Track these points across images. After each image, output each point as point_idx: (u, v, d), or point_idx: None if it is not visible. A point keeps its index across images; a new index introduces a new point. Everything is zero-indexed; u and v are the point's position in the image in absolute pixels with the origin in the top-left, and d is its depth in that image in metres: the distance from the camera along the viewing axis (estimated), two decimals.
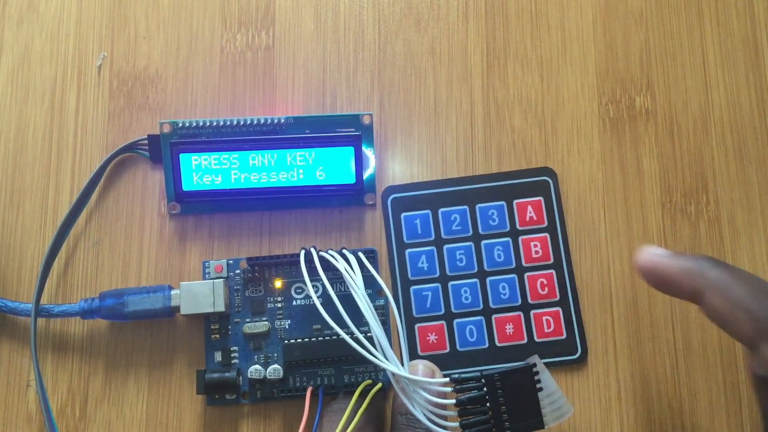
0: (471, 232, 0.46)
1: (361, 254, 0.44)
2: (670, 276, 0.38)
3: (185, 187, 0.45)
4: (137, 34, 0.49)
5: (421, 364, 0.42)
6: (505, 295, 0.45)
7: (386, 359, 0.39)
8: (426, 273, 0.46)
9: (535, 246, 0.46)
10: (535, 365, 0.37)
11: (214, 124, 0.46)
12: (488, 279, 0.46)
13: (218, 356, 0.44)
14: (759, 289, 0.35)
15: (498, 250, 0.46)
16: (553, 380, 0.38)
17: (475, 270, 0.46)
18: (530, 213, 0.46)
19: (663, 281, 0.38)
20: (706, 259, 0.37)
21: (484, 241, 0.46)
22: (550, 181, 0.46)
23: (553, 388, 0.37)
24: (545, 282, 0.45)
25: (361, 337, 0.39)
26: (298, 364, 0.43)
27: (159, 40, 0.49)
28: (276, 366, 0.43)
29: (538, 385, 0.37)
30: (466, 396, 0.37)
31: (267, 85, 0.48)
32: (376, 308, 0.44)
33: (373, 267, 0.44)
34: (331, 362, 0.43)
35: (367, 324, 0.40)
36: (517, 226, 0.46)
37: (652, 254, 0.38)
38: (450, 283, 0.45)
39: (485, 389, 0.36)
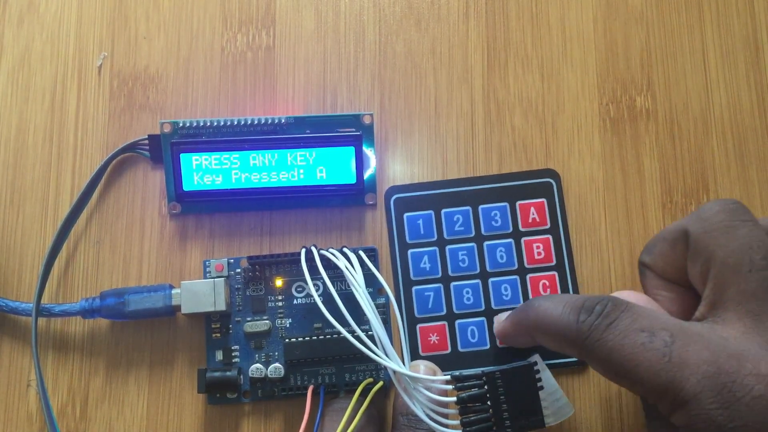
0: (473, 233, 0.46)
1: (361, 252, 0.44)
2: (510, 334, 0.40)
3: (186, 187, 0.45)
4: (138, 34, 0.49)
5: (423, 365, 0.42)
6: (507, 296, 0.45)
7: (387, 357, 0.39)
8: (428, 273, 0.46)
9: (538, 247, 0.46)
10: (536, 364, 0.37)
11: (215, 124, 0.46)
12: (490, 280, 0.45)
13: (219, 355, 0.44)
14: (567, 305, 0.35)
15: (500, 251, 0.46)
16: (554, 379, 0.38)
17: (478, 271, 0.46)
18: (533, 214, 0.46)
19: (510, 341, 0.41)
20: (530, 301, 0.38)
21: (486, 242, 0.46)
22: (554, 183, 0.46)
23: (554, 387, 0.37)
24: (547, 284, 0.45)
25: (362, 335, 0.39)
26: (299, 363, 0.43)
27: (159, 40, 0.49)
28: (277, 365, 0.43)
29: (539, 384, 0.37)
30: (467, 394, 0.36)
31: (267, 85, 0.48)
32: (377, 307, 0.44)
33: (374, 265, 0.44)
34: (332, 361, 0.43)
35: (368, 322, 0.40)
36: (520, 228, 0.46)
37: (496, 321, 0.42)
38: (452, 284, 0.45)
39: (486, 387, 0.36)
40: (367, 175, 0.46)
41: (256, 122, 0.46)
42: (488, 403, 0.36)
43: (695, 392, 0.31)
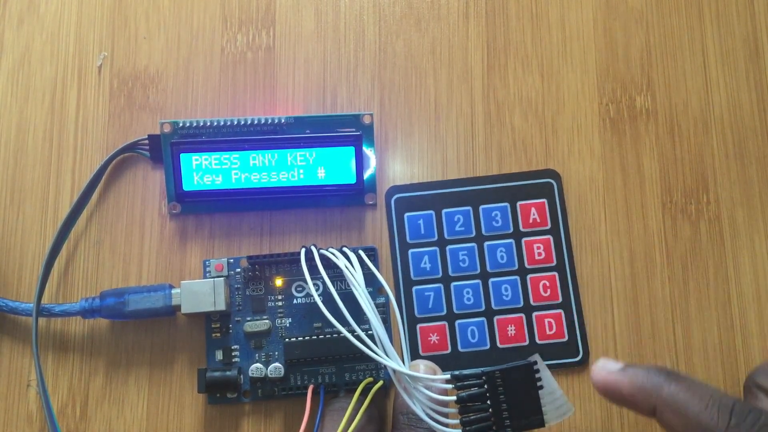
0: (474, 233, 0.46)
1: (361, 252, 0.44)
2: (623, 394, 0.36)
3: (186, 187, 0.45)
4: (137, 34, 0.49)
5: (423, 364, 0.42)
6: (507, 296, 0.45)
7: (387, 356, 0.39)
8: (428, 273, 0.46)
9: (538, 248, 0.46)
10: (536, 363, 0.37)
11: (215, 124, 0.46)
12: (491, 280, 0.45)
13: (219, 355, 0.44)
14: (714, 402, 0.34)
15: (501, 251, 0.46)
16: (553, 379, 0.38)
17: (478, 271, 0.46)
18: (533, 215, 0.46)
19: (618, 399, 0.37)
20: (660, 372, 0.36)
21: (487, 243, 0.46)
22: (554, 183, 0.46)
23: (554, 386, 0.37)
24: (548, 284, 0.45)
25: (362, 334, 0.39)
26: (299, 363, 0.43)
27: (159, 40, 0.49)
28: (277, 364, 0.43)
29: (539, 383, 0.37)
30: (467, 393, 0.36)
31: (267, 85, 0.48)
32: (377, 306, 0.44)
33: (374, 265, 0.44)
34: (332, 360, 0.43)
35: (367, 321, 0.40)
36: (521, 228, 0.46)
37: (606, 371, 0.37)
38: (452, 284, 0.45)
39: (486, 386, 0.36)
40: (367, 175, 0.46)
41: (256, 122, 0.46)
42: (488, 402, 0.36)
43: None
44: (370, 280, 0.44)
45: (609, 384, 0.36)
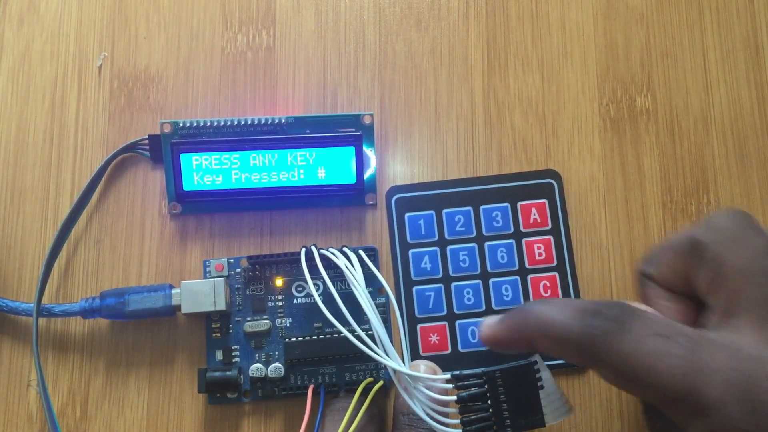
0: (474, 234, 0.46)
1: (361, 252, 0.44)
2: (504, 339, 0.37)
3: (186, 187, 0.45)
4: (138, 34, 0.49)
5: (423, 364, 0.42)
6: (507, 297, 0.45)
7: (387, 356, 0.39)
8: (429, 273, 0.46)
9: (539, 248, 0.46)
10: (536, 363, 0.37)
11: (215, 124, 0.46)
12: (491, 280, 0.45)
13: (219, 355, 0.44)
14: (572, 310, 0.34)
15: (501, 251, 0.46)
16: (554, 379, 0.38)
17: (478, 271, 0.46)
18: (534, 215, 0.46)
19: (504, 346, 0.37)
20: (527, 305, 0.36)
21: (487, 243, 0.46)
22: (555, 184, 0.46)
23: (554, 387, 0.37)
24: (548, 284, 0.45)
25: (362, 334, 0.39)
26: (299, 363, 0.43)
27: (159, 40, 0.49)
28: (277, 364, 0.43)
29: (539, 383, 0.37)
30: (467, 393, 0.36)
31: (267, 85, 0.48)
32: (378, 306, 0.44)
33: (374, 265, 0.44)
34: (333, 360, 0.43)
35: (368, 321, 0.40)
36: (521, 228, 0.46)
37: (486, 326, 0.38)
38: (453, 284, 0.45)
39: (486, 387, 0.36)
40: (367, 175, 0.46)
41: (256, 122, 0.46)
42: (488, 402, 0.36)
43: (720, 399, 0.30)
44: (370, 280, 0.44)
45: (490, 336, 0.37)
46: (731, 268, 0.33)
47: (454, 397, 0.37)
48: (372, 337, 0.39)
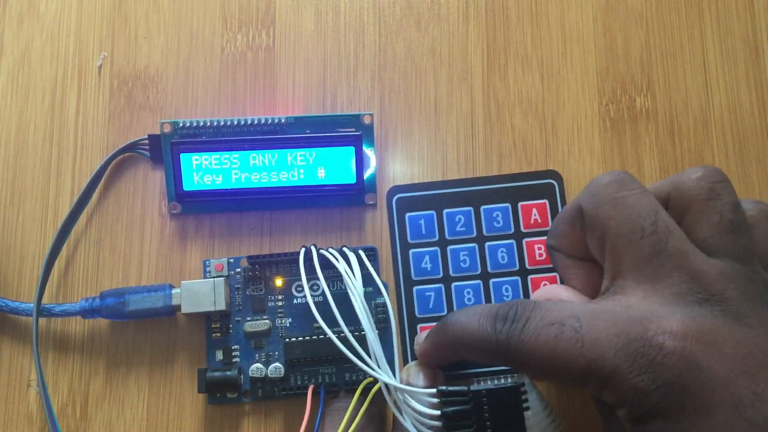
0: (475, 234, 0.46)
1: (361, 252, 0.44)
2: (432, 356, 0.40)
3: (186, 187, 0.45)
4: (138, 34, 0.49)
5: (414, 366, 0.42)
6: (508, 297, 0.45)
7: (379, 367, 0.39)
8: (429, 273, 0.46)
9: (539, 249, 0.46)
10: (523, 384, 0.37)
11: (215, 123, 0.46)
12: (491, 281, 0.45)
13: (219, 355, 0.44)
14: (483, 316, 0.35)
15: (502, 251, 0.46)
16: (541, 400, 0.38)
17: (479, 271, 0.46)
18: (535, 215, 0.46)
19: (435, 362, 0.40)
20: (444, 318, 0.38)
21: (488, 243, 0.46)
22: (556, 184, 0.46)
23: (541, 407, 0.37)
24: (548, 285, 0.45)
25: (354, 342, 0.39)
26: (299, 363, 0.43)
27: (159, 40, 0.49)
28: (277, 364, 0.43)
29: (524, 405, 0.36)
30: (451, 410, 0.36)
31: (267, 85, 0.48)
32: (377, 306, 0.44)
33: (373, 265, 0.44)
34: (333, 360, 0.43)
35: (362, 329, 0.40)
36: (522, 229, 0.46)
37: (417, 345, 0.41)
38: (453, 284, 0.45)
39: (471, 405, 0.36)
40: (367, 175, 0.46)
41: (256, 122, 0.46)
42: (472, 419, 0.36)
43: (613, 366, 0.31)
44: (369, 280, 0.44)
45: (421, 354, 0.40)
46: (611, 232, 0.34)
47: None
48: (364, 342, 0.40)
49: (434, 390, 0.37)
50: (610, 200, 0.35)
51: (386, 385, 0.39)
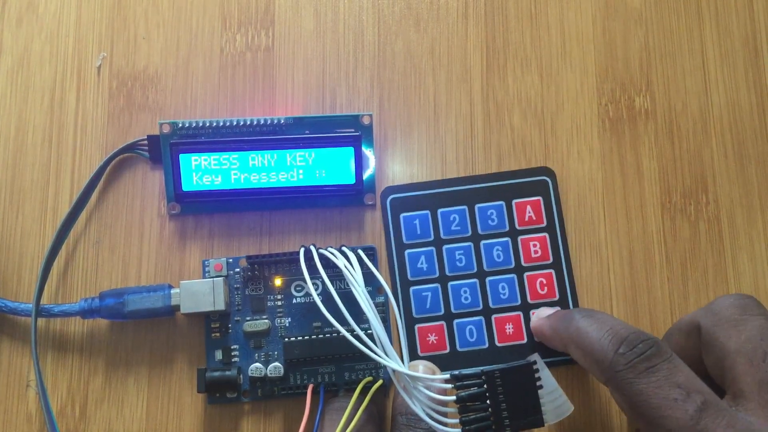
0: (470, 232, 0.46)
1: (360, 251, 0.44)
2: (546, 335, 0.42)
3: (185, 188, 0.45)
4: (137, 34, 0.49)
5: (422, 365, 0.42)
6: (504, 295, 0.45)
7: (387, 356, 0.39)
8: (425, 273, 0.46)
9: (535, 246, 0.46)
10: (535, 363, 0.37)
11: (214, 124, 0.46)
12: (488, 279, 0.46)
13: (219, 355, 0.44)
14: (610, 332, 0.36)
15: (497, 250, 0.46)
16: (553, 378, 0.38)
17: (475, 270, 0.46)
18: (529, 213, 0.46)
19: (546, 339, 0.42)
20: (575, 311, 0.39)
21: (483, 241, 0.46)
22: (549, 181, 0.46)
23: (554, 386, 0.37)
24: (544, 282, 0.45)
25: (361, 333, 0.39)
26: (298, 362, 0.43)
27: (159, 40, 0.49)
28: (276, 364, 0.43)
29: (538, 383, 0.37)
30: (467, 393, 0.36)
31: (267, 86, 0.48)
32: (377, 305, 0.44)
33: (373, 264, 0.44)
34: (332, 360, 0.43)
35: (367, 321, 0.40)
36: (516, 226, 0.46)
37: (537, 317, 0.43)
38: (449, 284, 0.45)
39: (485, 386, 0.36)
40: (366, 175, 0.46)
41: (255, 122, 0.46)
42: (487, 402, 0.36)
43: None
44: (369, 279, 0.44)
45: (536, 328, 0.43)
46: (731, 352, 0.34)
47: (454, 397, 0.37)
48: (371, 337, 0.39)
49: (447, 375, 0.37)
50: (731, 321, 0.35)
51: (394, 373, 0.39)
